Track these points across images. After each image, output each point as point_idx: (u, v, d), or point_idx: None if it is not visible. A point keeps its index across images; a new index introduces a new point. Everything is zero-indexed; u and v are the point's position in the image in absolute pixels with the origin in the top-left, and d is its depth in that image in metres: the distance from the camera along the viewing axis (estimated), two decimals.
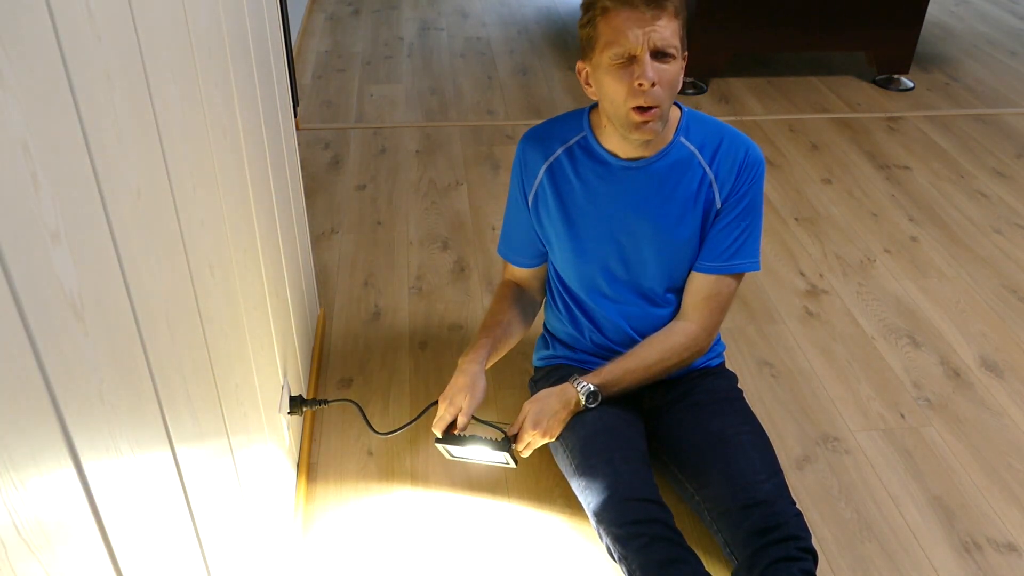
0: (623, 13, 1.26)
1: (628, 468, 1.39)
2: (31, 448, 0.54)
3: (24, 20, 0.56)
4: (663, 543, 1.30)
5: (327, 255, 2.35)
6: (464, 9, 4.43)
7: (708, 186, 1.42)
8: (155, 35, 0.85)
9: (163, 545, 0.78)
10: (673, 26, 1.28)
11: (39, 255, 0.56)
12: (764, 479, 1.37)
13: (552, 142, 1.48)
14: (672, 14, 1.27)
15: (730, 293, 1.49)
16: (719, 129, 1.44)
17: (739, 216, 1.44)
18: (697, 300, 1.49)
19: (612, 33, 1.27)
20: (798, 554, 1.28)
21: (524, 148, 1.51)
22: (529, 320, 1.65)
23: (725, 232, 1.44)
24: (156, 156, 0.82)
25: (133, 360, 0.73)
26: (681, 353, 1.50)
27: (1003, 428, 1.80)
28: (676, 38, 1.29)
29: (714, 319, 1.50)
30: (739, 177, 1.42)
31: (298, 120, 3.12)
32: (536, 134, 1.50)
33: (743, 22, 3.37)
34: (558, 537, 1.54)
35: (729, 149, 1.42)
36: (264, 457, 1.28)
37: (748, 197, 1.43)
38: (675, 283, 1.51)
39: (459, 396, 1.47)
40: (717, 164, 1.42)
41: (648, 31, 1.26)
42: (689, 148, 1.42)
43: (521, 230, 1.57)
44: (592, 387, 1.47)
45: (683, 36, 1.31)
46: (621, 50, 1.27)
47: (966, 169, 2.87)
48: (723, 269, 1.46)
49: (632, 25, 1.26)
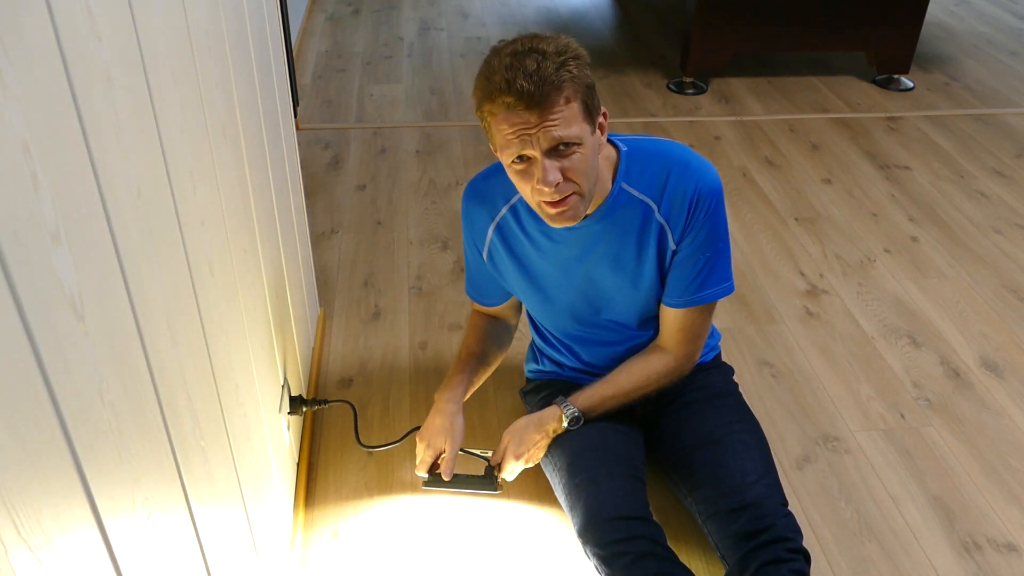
0: (509, 118, 1.16)
1: (611, 486, 1.36)
2: (31, 449, 0.54)
3: (24, 20, 0.56)
4: (650, 559, 1.28)
5: (327, 255, 2.35)
6: (464, 9, 4.43)
7: (659, 229, 1.34)
8: (155, 35, 0.84)
9: (163, 547, 0.78)
10: (568, 112, 1.16)
11: (39, 255, 0.56)
12: (754, 480, 1.36)
13: (495, 200, 1.41)
14: (563, 102, 1.15)
15: (704, 321, 1.45)
16: (665, 162, 1.33)
17: (699, 249, 1.35)
18: (672, 332, 1.46)
19: (502, 138, 1.19)
20: (788, 556, 1.27)
21: (467, 206, 1.45)
22: (506, 344, 1.65)
23: (687, 267, 1.37)
24: (156, 156, 0.82)
25: (133, 360, 0.73)
26: (659, 380, 1.47)
27: (1003, 428, 1.80)
28: (576, 123, 1.17)
29: (691, 347, 1.47)
30: (692, 213, 1.32)
31: (298, 120, 3.12)
32: (477, 191, 1.43)
33: (743, 22, 3.37)
34: (558, 538, 1.54)
35: (678, 185, 1.31)
36: (264, 457, 1.28)
37: (706, 229, 1.33)
38: (647, 315, 1.48)
39: (438, 439, 1.48)
40: (667, 204, 1.32)
41: (537, 133, 1.15)
42: (632, 193, 1.33)
43: (483, 277, 1.54)
44: (576, 412, 1.46)
45: (590, 107, 1.19)
46: (514, 153, 1.19)
47: (966, 169, 2.87)
48: (692, 302, 1.40)
49: (519, 131, 1.16)
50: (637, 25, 4.25)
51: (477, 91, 1.20)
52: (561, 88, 1.15)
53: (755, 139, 3.06)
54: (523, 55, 1.15)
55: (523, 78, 1.13)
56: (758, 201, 2.65)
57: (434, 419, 1.50)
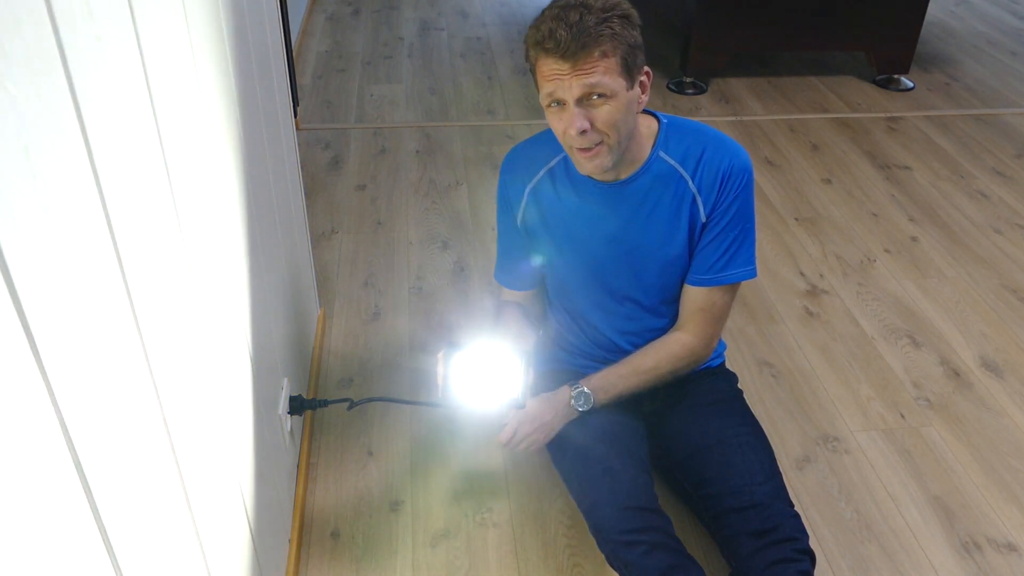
0: (547, 62, 1.23)
1: (627, 477, 1.38)
2: (32, 449, 0.54)
3: (24, 20, 0.56)
4: (663, 551, 1.30)
5: (327, 255, 2.35)
6: (464, 9, 4.43)
7: (691, 200, 1.39)
8: (155, 35, 0.85)
9: (164, 546, 0.78)
10: (603, 65, 1.22)
11: (39, 255, 0.56)
12: (762, 481, 1.36)
13: (533, 164, 1.45)
14: (599, 55, 1.21)
15: (725, 303, 1.47)
16: (702, 138, 1.39)
17: (727, 227, 1.40)
18: (692, 312, 1.48)
19: (541, 79, 1.26)
20: (795, 555, 1.27)
21: (504, 174, 1.49)
22: (537, 330, 1.64)
23: (714, 244, 1.41)
24: (156, 156, 0.83)
25: (133, 360, 0.73)
26: (676, 362, 1.48)
27: (1003, 428, 1.80)
28: (610, 76, 1.22)
29: (710, 330, 1.48)
30: (723, 188, 1.38)
31: (298, 120, 3.12)
32: (516, 158, 1.49)
33: (743, 22, 3.37)
34: (564, 530, 1.54)
35: (712, 159, 1.37)
36: (264, 457, 1.28)
37: (735, 207, 1.39)
38: (668, 296, 1.50)
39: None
40: (700, 176, 1.38)
41: (569, 80, 1.22)
42: (669, 162, 1.38)
43: (516, 255, 1.55)
44: (585, 390, 1.46)
45: (629, 64, 1.24)
46: (549, 95, 1.26)
47: (966, 169, 2.87)
48: (715, 281, 1.44)
49: (555, 74, 1.23)
50: None
51: (527, 38, 1.27)
52: (599, 41, 1.21)
53: (755, 139, 3.06)
54: (570, 8, 1.22)
55: (564, 28, 1.20)
56: (758, 201, 2.65)
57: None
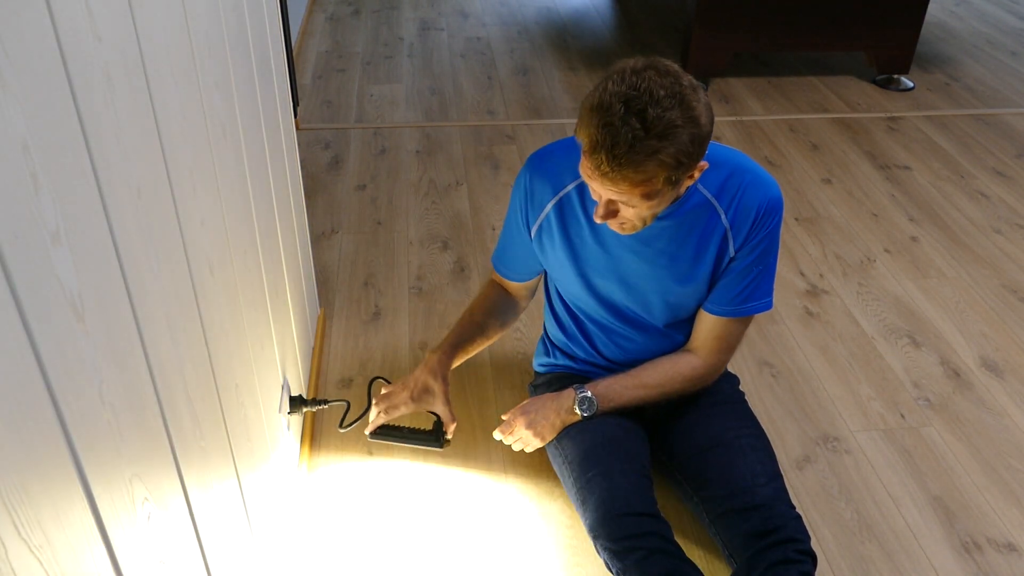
0: (592, 159, 1.19)
1: (625, 482, 1.37)
2: (31, 448, 0.54)
3: (24, 20, 0.56)
4: (660, 556, 1.30)
5: (327, 255, 2.35)
6: (464, 9, 4.43)
7: (722, 235, 1.36)
8: (155, 35, 0.84)
9: (163, 547, 0.78)
10: (644, 189, 1.19)
11: (39, 255, 0.56)
12: (764, 482, 1.36)
13: (563, 175, 1.39)
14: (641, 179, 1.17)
15: (741, 333, 1.47)
16: (740, 171, 1.35)
17: (753, 262, 1.39)
18: (707, 338, 1.47)
19: (583, 157, 1.21)
20: (797, 556, 1.28)
21: (532, 177, 1.42)
22: (509, 323, 1.64)
23: (738, 277, 1.39)
24: (156, 156, 0.82)
25: (133, 360, 0.73)
26: (683, 383, 1.48)
27: (1003, 428, 1.80)
28: (647, 193, 1.19)
29: (722, 358, 1.48)
30: (756, 225, 1.36)
31: (298, 120, 3.12)
32: (546, 162, 1.42)
33: (743, 22, 3.37)
34: (563, 534, 1.54)
35: (749, 196, 1.34)
36: (264, 457, 1.28)
37: (764, 243, 1.38)
38: (677, 319, 1.49)
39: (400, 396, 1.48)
40: (734, 211, 1.35)
41: (604, 186, 1.21)
42: (705, 195, 1.35)
43: (518, 252, 1.53)
44: (590, 395, 1.46)
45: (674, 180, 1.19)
46: (585, 172, 1.23)
47: (966, 169, 2.87)
48: (734, 312, 1.43)
49: (594, 172, 1.20)
50: (637, 25, 4.25)
51: (584, 113, 1.19)
52: (644, 170, 1.16)
53: (755, 139, 3.06)
54: (631, 116, 1.14)
55: (610, 150, 1.15)
56: None
57: (419, 375, 1.49)
